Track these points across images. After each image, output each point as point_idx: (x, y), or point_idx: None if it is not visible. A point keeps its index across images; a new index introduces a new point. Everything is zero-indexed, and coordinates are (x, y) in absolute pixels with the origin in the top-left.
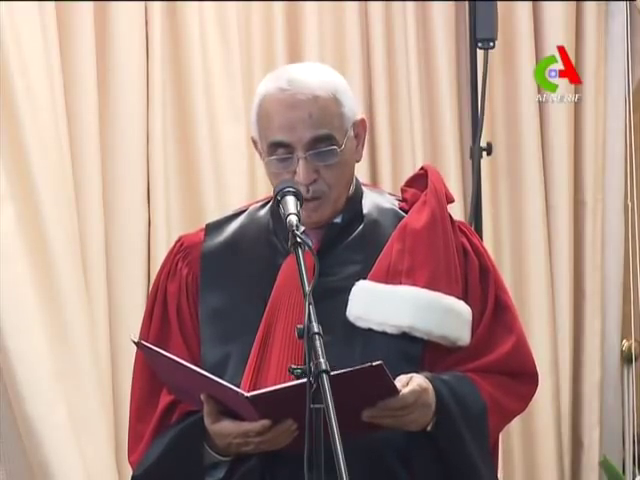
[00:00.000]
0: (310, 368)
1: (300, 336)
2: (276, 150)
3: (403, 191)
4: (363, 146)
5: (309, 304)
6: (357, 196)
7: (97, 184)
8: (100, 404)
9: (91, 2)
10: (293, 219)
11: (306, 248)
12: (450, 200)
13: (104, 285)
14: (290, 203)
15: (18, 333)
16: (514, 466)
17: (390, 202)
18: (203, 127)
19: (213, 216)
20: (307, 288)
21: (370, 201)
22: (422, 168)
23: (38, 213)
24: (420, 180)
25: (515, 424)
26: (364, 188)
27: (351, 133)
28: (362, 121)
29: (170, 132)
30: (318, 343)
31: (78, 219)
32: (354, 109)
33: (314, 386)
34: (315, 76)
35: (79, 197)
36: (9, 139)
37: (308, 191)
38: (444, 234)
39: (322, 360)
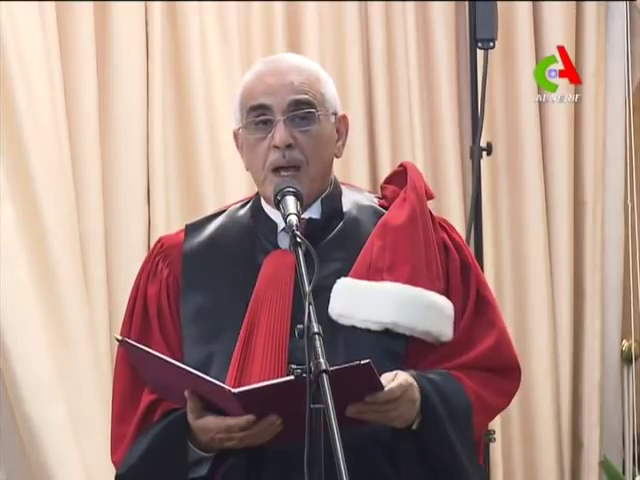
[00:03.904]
0: (310, 368)
1: (300, 336)
2: (256, 114)
3: (383, 188)
4: (344, 144)
5: (309, 304)
6: (336, 193)
7: (97, 184)
8: (100, 404)
9: (91, 2)
10: (293, 219)
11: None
12: (430, 196)
13: (104, 285)
14: (290, 203)
15: (18, 333)
16: (514, 466)
17: (369, 199)
18: (203, 127)
19: None
20: (307, 288)
21: (349, 199)
22: (401, 165)
23: (38, 213)
24: (399, 177)
25: (515, 424)
26: (342, 187)
27: (332, 119)
28: (344, 117)
29: (170, 132)
30: (318, 343)
31: (78, 219)
32: (336, 102)
33: (314, 386)
34: (299, 58)
35: (79, 197)
36: (9, 139)
37: (284, 156)
38: (424, 230)
39: (322, 360)
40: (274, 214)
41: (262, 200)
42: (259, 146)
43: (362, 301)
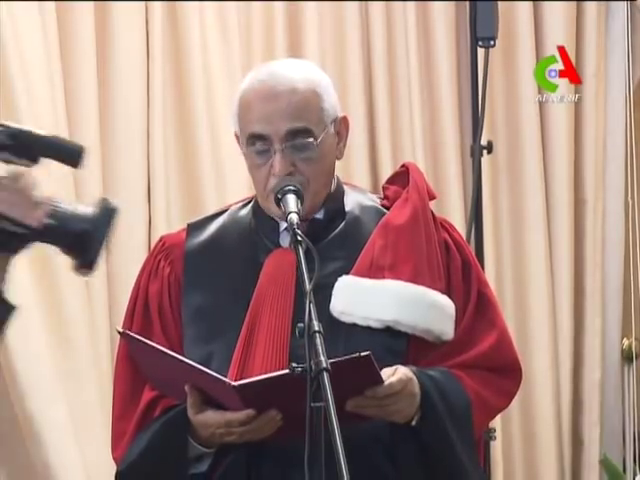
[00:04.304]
0: (311, 366)
1: (301, 334)
2: (254, 142)
3: (385, 189)
4: (345, 145)
5: (309, 302)
6: (339, 193)
7: (97, 183)
8: (100, 403)
9: (91, 2)
10: (294, 217)
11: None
12: (432, 197)
13: (104, 285)
14: (291, 201)
15: (19, 332)
16: (515, 465)
17: (372, 200)
18: (203, 126)
19: None
20: (308, 286)
21: (352, 199)
22: (403, 165)
23: None
24: (401, 177)
25: (515, 423)
26: (345, 187)
27: (331, 130)
28: (344, 119)
29: (170, 131)
30: (318, 341)
31: None
32: (335, 106)
33: (314, 385)
34: (296, 70)
35: (79, 197)
36: None
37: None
38: (426, 230)
39: (322, 358)
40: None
41: None
42: (260, 171)
43: (363, 299)
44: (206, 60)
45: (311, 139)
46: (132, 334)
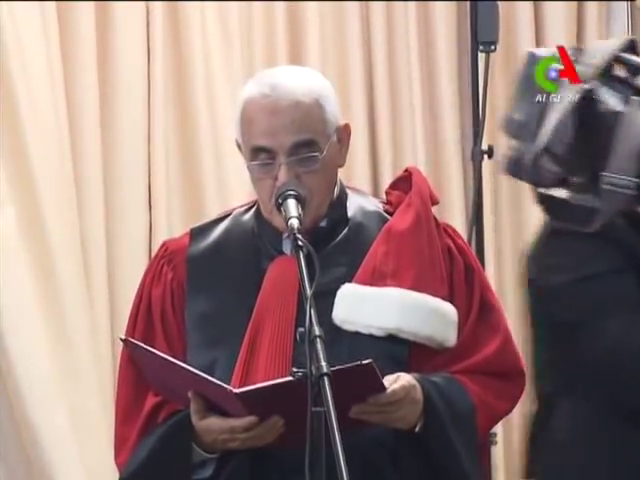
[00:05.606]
0: (311, 371)
1: (302, 339)
2: (258, 155)
3: (387, 194)
4: (347, 151)
5: (310, 307)
6: (341, 199)
7: (98, 185)
8: (100, 404)
9: (92, 2)
10: (294, 222)
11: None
12: (434, 202)
13: (105, 286)
14: (291, 206)
15: (18, 333)
16: (515, 466)
17: (374, 205)
18: (204, 128)
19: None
20: (308, 291)
21: (355, 204)
22: (406, 170)
23: (39, 214)
24: (404, 182)
25: (516, 427)
26: (348, 191)
27: (334, 138)
28: (346, 126)
29: (171, 133)
30: (319, 346)
31: (79, 220)
32: (337, 115)
33: (315, 389)
34: (298, 81)
35: (80, 198)
36: (10, 140)
37: None
38: (429, 235)
39: (323, 363)
40: None
41: None
42: (264, 183)
43: (365, 306)
44: (207, 60)
45: (316, 153)
46: (134, 341)
